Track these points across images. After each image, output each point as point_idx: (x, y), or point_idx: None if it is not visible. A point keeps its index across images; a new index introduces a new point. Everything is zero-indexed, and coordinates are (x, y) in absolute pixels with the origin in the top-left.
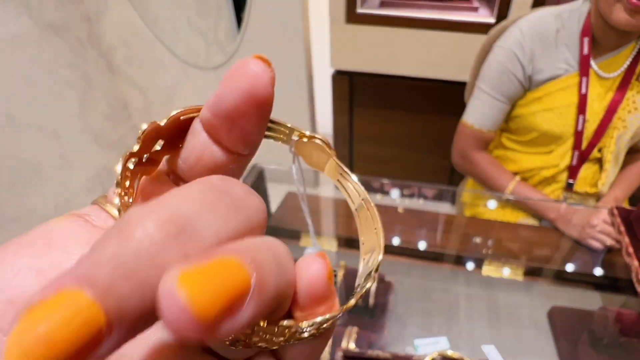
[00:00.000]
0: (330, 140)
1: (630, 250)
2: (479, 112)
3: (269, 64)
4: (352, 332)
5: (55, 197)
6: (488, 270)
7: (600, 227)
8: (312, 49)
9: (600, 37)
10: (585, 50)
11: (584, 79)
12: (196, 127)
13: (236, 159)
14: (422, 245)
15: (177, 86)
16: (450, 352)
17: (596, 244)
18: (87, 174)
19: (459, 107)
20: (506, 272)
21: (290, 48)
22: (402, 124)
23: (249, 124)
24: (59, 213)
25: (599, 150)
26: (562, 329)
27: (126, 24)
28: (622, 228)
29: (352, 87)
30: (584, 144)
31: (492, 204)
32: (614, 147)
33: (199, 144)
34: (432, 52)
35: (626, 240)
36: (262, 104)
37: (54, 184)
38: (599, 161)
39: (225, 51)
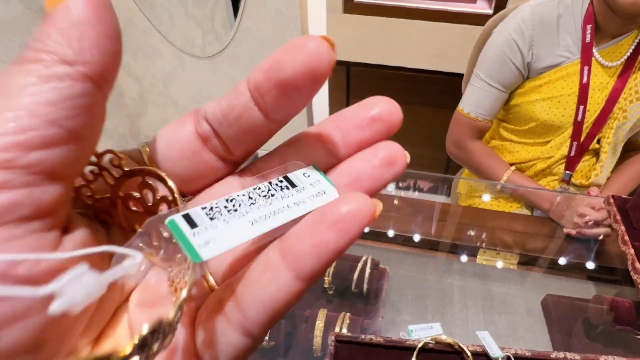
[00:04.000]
0: None
1: (626, 238)
2: (475, 100)
3: (333, 47)
4: (345, 317)
5: None
6: (482, 259)
7: (590, 216)
8: None
9: (603, 24)
10: (588, 38)
11: (586, 68)
12: (241, 87)
13: (271, 126)
14: (417, 234)
15: (172, 75)
16: (444, 337)
17: (587, 233)
18: None
19: (457, 99)
20: (500, 261)
21: (287, 37)
22: (404, 117)
23: (298, 97)
24: None
25: (598, 141)
26: (556, 317)
27: (120, 10)
28: (618, 217)
29: (348, 78)
30: (583, 135)
31: (487, 196)
32: (612, 137)
33: (240, 104)
34: (429, 43)
35: (622, 228)
36: (318, 83)
37: None
38: (597, 153)
39: (221, 40)
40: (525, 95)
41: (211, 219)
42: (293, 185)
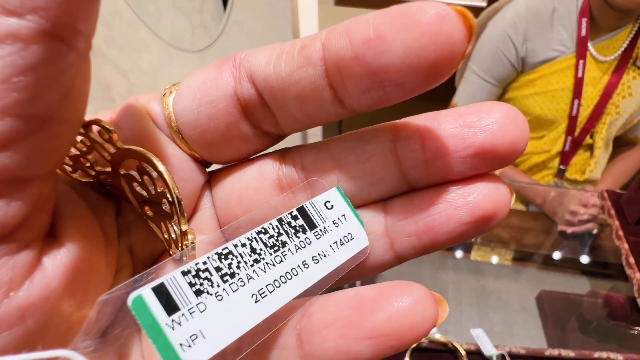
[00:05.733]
0: (319, 131)
1: (620, 233)
2: (468, 95)
3: (467, 22)
4: None
5: None
6: (477, 255)
7: (582, 212)
8: (300, 31)
9: (598, 18)
10: (583, 32)
11: (581, 62)
12: (312, 52)
13: (344, 113)
14: None
15: (160, 69)
16: (438, 336)
17: (578, 231)
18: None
19: (450, 92)
20: (495, 257)
21: (278, 30)
22: (390, 109)
23: (398, 93)
24: None
25: (591, 136)
26: (551, 313)
27: (105, 2)
28: (612, 211)
29: None
30: (577, 130)
31: None
32: (605, 133)
33: (308, 78)
34: None
35: (616, 223)
36: (435, 78)
37: None
38: (590, 147)
39: (211, 34)
40: (519, 89)
41: (197, 293)
42: (312, 226)
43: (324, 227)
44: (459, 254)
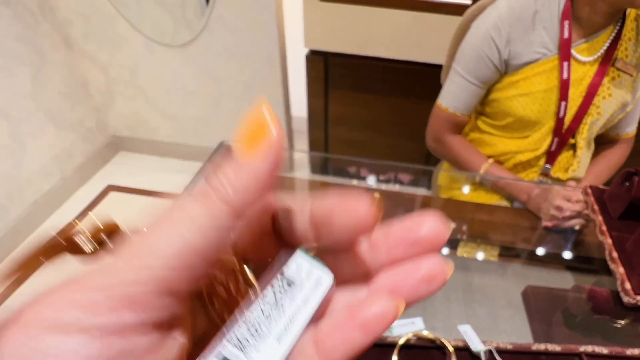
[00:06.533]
0: (305, 124)
1: (604, 228)
2: (453, 96)
3: (381, 208)
4: None
5: (6, 182)
6: (463, 251)
7: (566, 208)
8: (285, 27)
9: (582, 20)
10: (566, 34)
11: (565, 64)
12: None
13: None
14: None
15: (140, 64)
16: (425, 333)
17: (564, 225)
18: (43, 157)
19: (436, 90)
20: (481, 253)
21: (262, 26)
22: (378, 107)
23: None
24: (12, 201)
25: (573, 136)
26: (536, 307)
27: None
28: (596, 207)
29: (327, 68)
30: (563, 130)
31: (467, 188)
32: (586, 133)
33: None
34: (408, 33)
35: (599, 218)
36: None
37: (4, 168)
38: (573, 147)
39: (192, 28)
40: (503, 90)
41: (242, 350)
42: (292, 283)
43: (302, 282)
44: (445, 250)
